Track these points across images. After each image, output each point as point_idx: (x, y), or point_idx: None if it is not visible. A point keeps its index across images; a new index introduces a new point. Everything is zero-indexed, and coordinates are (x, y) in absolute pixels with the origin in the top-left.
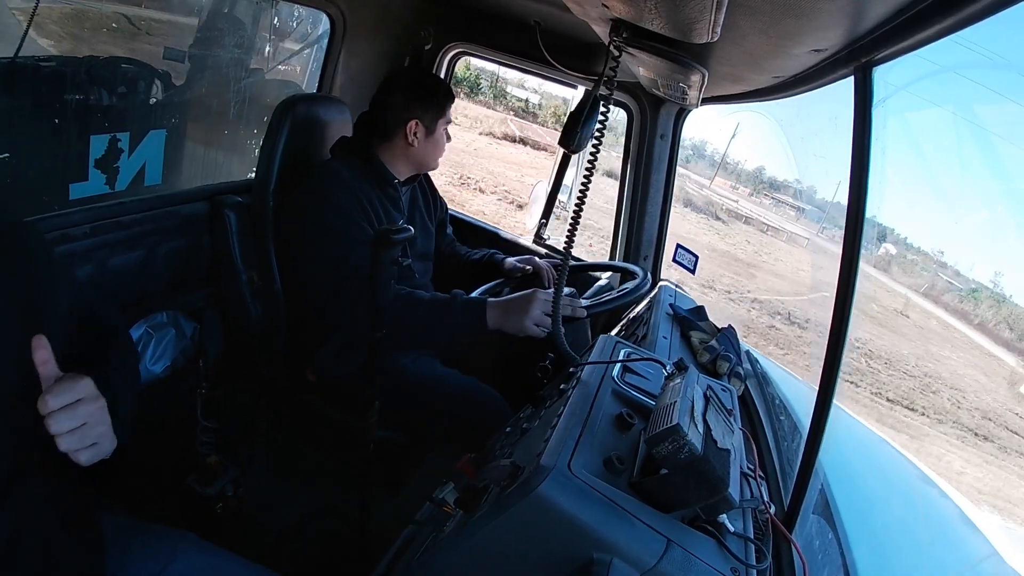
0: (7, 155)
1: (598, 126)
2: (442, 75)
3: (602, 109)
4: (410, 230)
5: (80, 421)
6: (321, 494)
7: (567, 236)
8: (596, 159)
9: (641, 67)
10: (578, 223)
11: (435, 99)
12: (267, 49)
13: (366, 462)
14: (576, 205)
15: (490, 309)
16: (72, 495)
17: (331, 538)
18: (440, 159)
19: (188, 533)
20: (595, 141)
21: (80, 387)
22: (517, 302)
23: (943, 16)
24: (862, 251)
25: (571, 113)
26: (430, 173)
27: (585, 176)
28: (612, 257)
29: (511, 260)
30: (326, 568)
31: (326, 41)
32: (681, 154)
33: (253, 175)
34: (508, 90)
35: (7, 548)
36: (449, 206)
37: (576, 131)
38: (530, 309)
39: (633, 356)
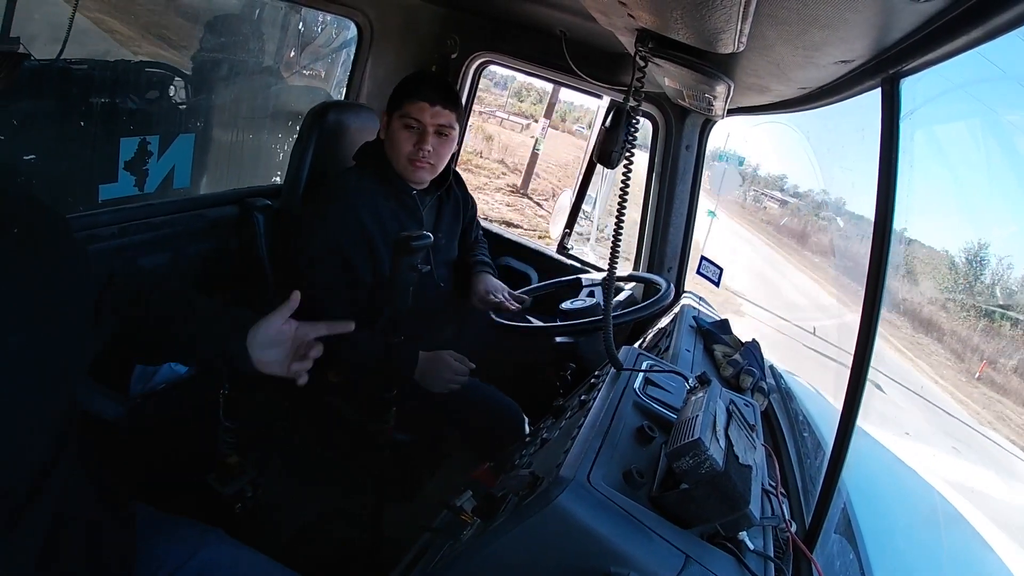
0: (33, 156)
1: (630, 139)
2: (467, 83)
3: (633, 121)
4: (429, 237)
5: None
6: (337, 497)
7: (611, 252)
8: (630, 173)
9: (666, 77)
10: (619, 239)
11: (394, 93)
12: (291, 54)
13: (382, 466)
14: (616, 221)
15: (421, 362)
16: (110, 478)
17: (345, 541)
18: (403, 160)
19: (215, 528)
20: (628, 155)
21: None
22: (431, 363)
23: (973, 27)
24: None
25: (603, 127)
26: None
27: (621, 192)
28: (636, 268)
29: (480, 290)
30: (340, 571)
31: (353, 48)
32: None
33: (278, 179)
34: None
35: (54, 525)
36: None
37: (612, 147)
38: (439, 372)
39: (655, 368)
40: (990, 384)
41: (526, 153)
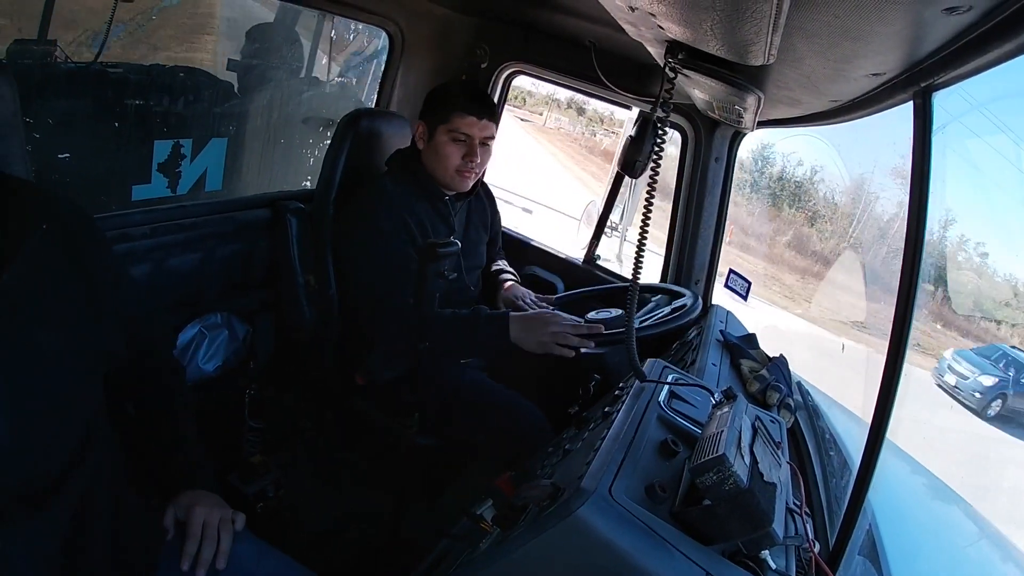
0: (67, 155)
1: (657, 150)
2: (497, 93)
3: (660, 133)
4: (456, 245)
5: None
6: (358, 499)
7: (634, 262)
8: (656, 184)
9: (696, 89)
10: (643, 249)
11: (436, 104)
12: (323, 61)
13: (405, 469)
14: (640, 231)
15: (512, 323)
16: (137, 466)
17: (365, 543)
18: (451, 172)
19: None
20: (654, 166)
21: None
22: (535, 321)
23: (1006, 40)
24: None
25: (630, 137)
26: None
27: (647, 203)
28: (663, 280)
29: (507, 297)
30: (359, 573)
31: (384, 57)
32: None
33: (308, 184)
34: None
35: (81, 511)
36: (504, 223)
37: (637, 156)
38: (544, 329)
39: (681, 382)
40: (737, 246)
41: None
